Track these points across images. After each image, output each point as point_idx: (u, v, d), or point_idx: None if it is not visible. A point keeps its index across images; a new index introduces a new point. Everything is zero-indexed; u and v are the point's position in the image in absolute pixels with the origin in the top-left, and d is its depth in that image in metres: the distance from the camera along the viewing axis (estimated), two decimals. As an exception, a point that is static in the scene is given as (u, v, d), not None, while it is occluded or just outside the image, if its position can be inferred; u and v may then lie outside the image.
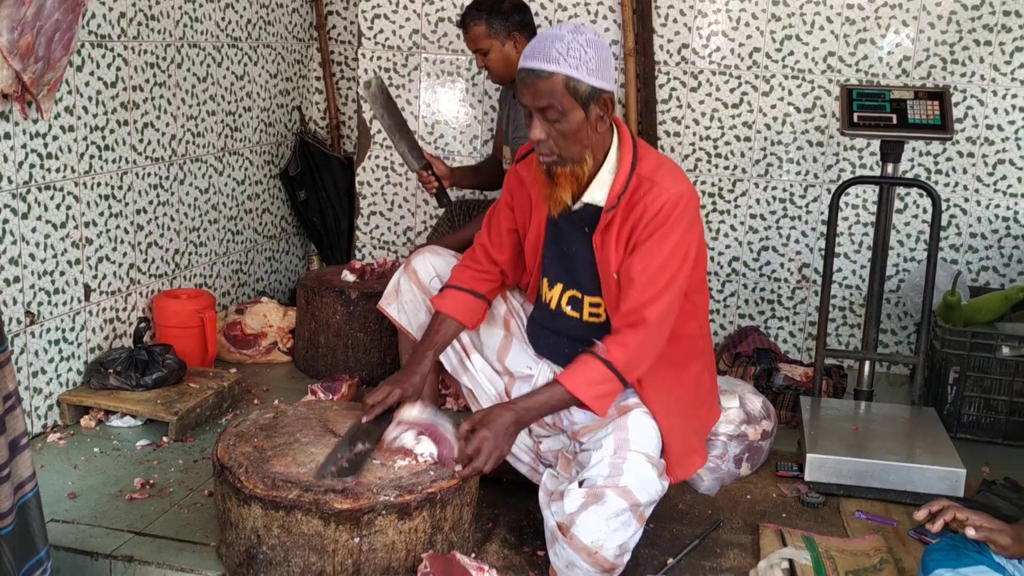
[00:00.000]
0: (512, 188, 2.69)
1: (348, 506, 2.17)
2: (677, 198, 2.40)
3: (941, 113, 3.22)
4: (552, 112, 2.33)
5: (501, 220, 2.73)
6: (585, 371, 2.42)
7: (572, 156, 2.39)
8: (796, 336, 4.28)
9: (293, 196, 4.63)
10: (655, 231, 2.40)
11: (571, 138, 2.36)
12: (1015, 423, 3.43)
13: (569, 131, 2.35)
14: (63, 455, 3.03)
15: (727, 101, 4.16)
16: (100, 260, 3.37)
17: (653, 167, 2.46)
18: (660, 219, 2.40)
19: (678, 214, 2.40)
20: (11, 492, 1.85)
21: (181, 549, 2.51)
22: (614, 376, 2.41)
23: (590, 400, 2.40)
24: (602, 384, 2.41)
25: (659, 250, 2.40)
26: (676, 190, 2.41)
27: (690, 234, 2.44)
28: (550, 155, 2.39)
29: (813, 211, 4.16)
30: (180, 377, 3.37)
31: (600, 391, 2.41)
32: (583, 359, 2.44)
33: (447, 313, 2.69)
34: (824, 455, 2.95)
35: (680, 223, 2.41)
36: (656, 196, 2.41)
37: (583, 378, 2.41)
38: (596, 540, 2.31)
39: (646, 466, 2.42)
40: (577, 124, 2.35)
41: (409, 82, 4.45)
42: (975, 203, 4.03)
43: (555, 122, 2.34)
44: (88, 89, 3.23)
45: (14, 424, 1.87)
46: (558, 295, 2.63)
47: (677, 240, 2.41)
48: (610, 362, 2.40)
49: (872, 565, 2.55)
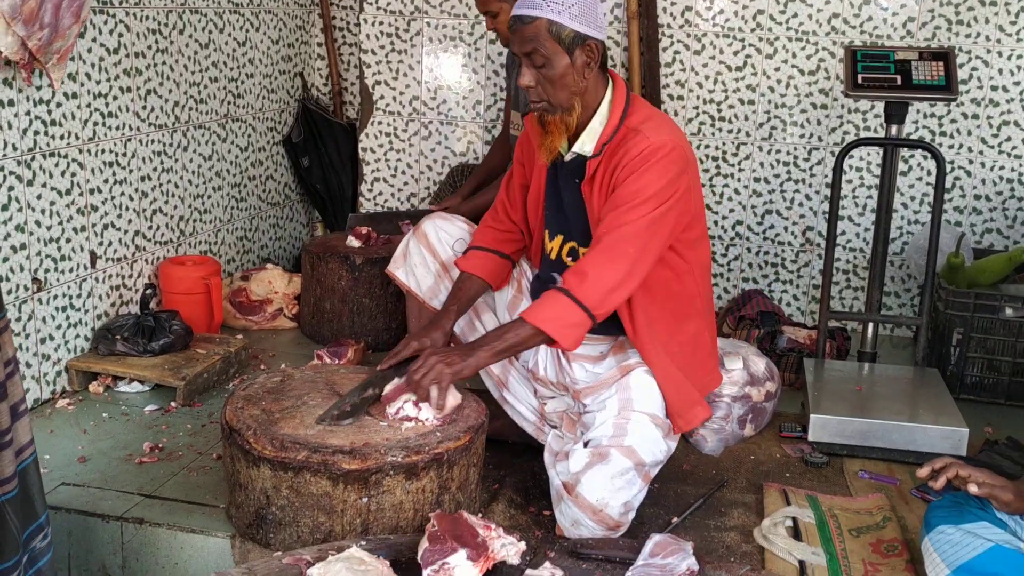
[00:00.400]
0: (523, 144, 2.72)
1: (356, 467, 2.19)
2: (659, 145, 2.38)
3: (946, 74, 3.21)
4: (537, 57, 2.37)
5: (515, 178, 2.76)
6: (545, 303, 2.37)
7: (560, 102, 2.41)
8: (800, 299, 4.29)
9: (296, 163, 4.63)
10: (631, 172, 2.38)
11: (557, 83, 2.39)
12: (1018, 384, 3.45)
13: (555, 76, 2.38)
14: (72, 420, 3.05)
15: (731, 64, 4.15)
16: (106, 227, 3.38)
17: (642, 119, 2.46)
18: (637, 162, 2.38)
19: (657, 160, 2.37)
20: (13, 457, 1.86)
21: (191, 511, 2.54)
22: (575, 305, 2.33)
23: (553, 331, 2.33)
24: (563, 315, 2.34)
25: (634, 191, 2.37)
26: (659, 139, 2.39)
27: (672, 183, 2.38)
28: (539, 101, 2.43)
29: (817, 174, 4.16)
30: (187, 343, 3.39)
31: (562, 322, 2.34)
32: (546, 294, 2.40)
33: (471, 272, 2.69)
34: (828, 415, 2.97)
35: (657, 167, 2.37)
36: (637, 143, 2.40)
37: (544, 310, 2.36)
38: (601, 498, 2.34)
39: (650, 426, 2.44)
40: (562, 69, 2.37)
41: (411, 47, 4.44)
42: (979, 165, 4.02)
43: (541, 67, 2.38)
44: (91, 56, 3.23)
45: (14, 390, 1.88)
46: (558, 246, 2.64)
47: (654, 185, 2.36)
48: (566, 289, 2.35)
49: (875, 523, 2.57)
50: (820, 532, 2.51)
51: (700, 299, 2.63)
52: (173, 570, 2.48)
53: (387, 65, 4.50)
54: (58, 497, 2.58)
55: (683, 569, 2.02)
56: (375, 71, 4.52)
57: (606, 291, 2.35)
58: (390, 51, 4.47)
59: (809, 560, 2.38)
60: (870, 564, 2.39)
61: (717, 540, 2.50)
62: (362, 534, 2.24)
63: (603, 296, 2.35)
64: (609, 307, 2.38)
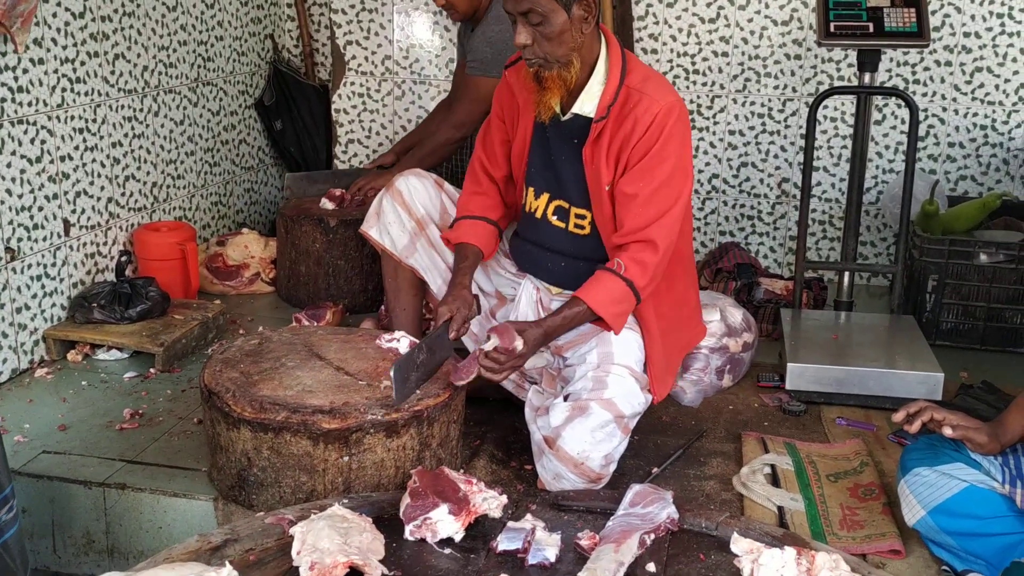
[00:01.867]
0: (501, 98, 2.67)
1: (336, 426, 2.20)
2: (669, 109, 2.40)
3: (918, 20, 3.20)
4: (534, 15, 2.32)
5: (493, 134, 2.71)
6: (607, 289, 2.42)
7: (558, 58, 2.38)
8: (776, 251, 4.31)
9: (269, 126, 4.59)
10: (651, 146, 2.40)
11: (555, 40, 2.35)
12: (993, 329, 3.48)
13: (553, 33, 2.34)
14: (51, 389, 3.04)
15: (703, 16, 4.13)
16: (78, 195, 3.35)
17: (642, 79, 2.45)
18: (654, 132, 2.39)
19: (671, 127, 2.40)
20: None
21: (173, 475, 2.54)
22: (632, 294, 2.42)
23: (611, 318, 2.42)
24: (622, 302, 2.42)
25: (659, 165, 2.40)
26: (666, 101, 2.40)
27: (685, 147, 2.45)
28: (536, 58, 2.39)
29: (792, 125, 4.16)
30: (164, 309, 3.37)
31: (620, 309, 2.43)
32: (603, 277, 2.43)
33: (464, 241, 2.66)
34: (805, 364, 2.99)
35: (674, 137, 2.41)
36: (647, 108, 2.40)
37: (606, 296, 2.41)
38: (582, 451, 2.35)
39: (629, 379, 2.46)
40: (560, 26, 2.33)
41: (382, 6, 4.39)
42: (952, 112, 4.03)
43: (538, 25, 2.33)
44: (56, 20, 3.18)
45: None
46: (544, 204, 2.63)
47: (675, 155, 2.42)
48: (630, 280, 2.40)
49: (852, 468, 2.61)
50: (798, 478, 2.54)
51: (686, 258, 2.68)
52: (157, 534, 2.48)
53: (358, 25, 4.45)
54: (39, 465, 2.58)
55: (663, 517, 2.04)
56: (346, 31, 4.47)
57: (655, 278, 2.46)
58: (360, 10, 4.43)
59: (788, 506, 2.41)
60: (848, 508, 2.42)
61: (697, 489, 2.53)
62: (344, 492, 2.26)
63: (652, 283, 2.46)
64: (652, 288, 2.48)
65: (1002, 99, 3.98)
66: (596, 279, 2.44)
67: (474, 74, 3.46)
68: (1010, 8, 3.89)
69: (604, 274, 2.43)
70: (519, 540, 1.97)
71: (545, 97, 2.44)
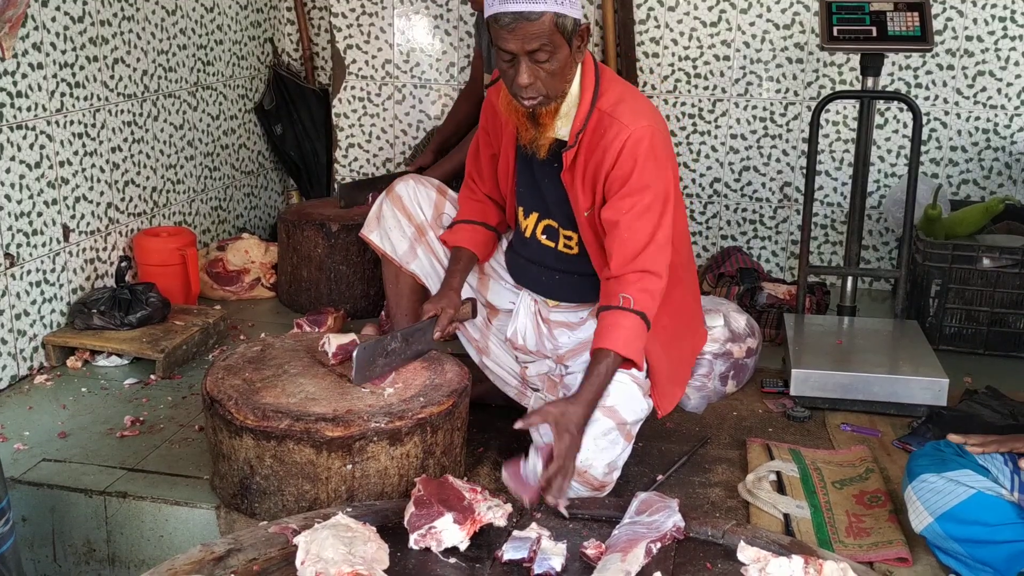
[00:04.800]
0: (486, 114, 2.64)
1: (339, 434, 2.18)
2: (639, 137, 2.31)
3: (921, 24, 3.19)
4: (542, 54, 2.22)
5: (481, 148, 2.69)
6: (625, 329, 2.31)
7: (556, 93, 2.31)
8: (779, 255, 4.30)
9: (269, 130, 4.57)
10: (627, 176, 2.32)
11: (558, 75, 2.28)
12: (996, 333, 3.47)
13: (557, 69, 2.26)
14: (51, 396, 3.03)
15: (705, 19, 4.11)
16: (78, 200, 3.33)
17: (615, 101, 2.36)
18: (625, 162, 2.31)
19: (644, 153, 2.31)
20: None
21: (175, 483, 2.53)
22: (645, 325, 2.33)
23: (636, 355, 2.32)
24: (641, 337, 2.33)
25: (639, 193, 2.32)
26: (636, 127, 2.32)
27: (663, 170, 2.35)
28: (536, 97, 2.30)
29: (794, 129, 4.15)
30: (164, 315, 3.35)
31: (641, 344, 2.34)
32: (618, 317, 2.31)
33: (459, 245, 2.65)
34: (809, 370, 2.98)
35: (649, 162, 2.32)
36: (616, 135, 2.33)
37: (628, 336, 2.30)
38: (585, 459, 2.33)
39: (631, 385, 2.44)
40: (564, 60, 2.27)
41: (382, 10, 4.38)
42: (955, 116, 4.02)
43: (543, 63, 2.24)
44: (55, 25, 3.16)
45: None
46: (533, 224, 2.60)
47: (653, 180, 2.33)
48: (642, 312, 2.31)
49: (858, 475, 2.59)
50: (804, 485, 2.53)
51: (681, 267, 2.61)
52: (158, 543, 2.47)
53: (358, 29, 4.44)
54: (39, 473, 2.56)
55: (669, 526, 2.02)
56: (346, 35, 4.46)
57: (660, 299, 2.37)
58: (361, 14, 4.41)
59: (794, 513, 2.40)
60: (854, 515, 2.40)
61: (702, 496, 2.51)
62: (348, 501, 2.24)
63: (657, 304, 2.37)
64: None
65: (1004, 103, 3.97)
66: (612, 323, 2.32)
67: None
68: (1012, 12, 3.88)
69: (616, 314, 2.32)
70: (524, 549, 1.95)
71: (542, 133, 2.37)
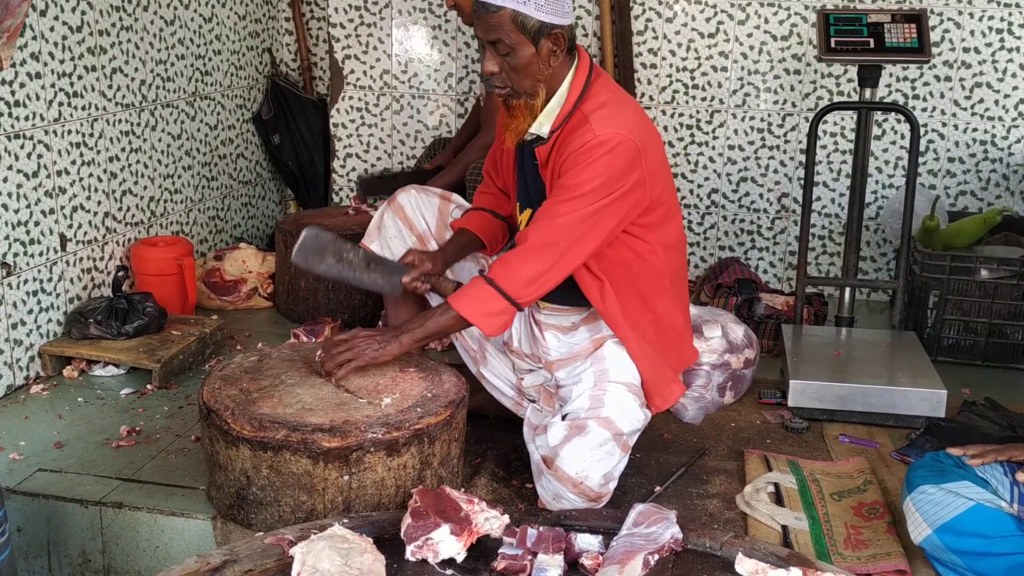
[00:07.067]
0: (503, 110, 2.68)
1: (336, 444, 2.18)
2: (603, 140, 2.31)
3: (918, 36, 3.20)
4: (502, 46, 2.33)
5: (498, 144, 2.71)
6: (470, 291, 2.37)
7: (524, 89, 2.38)
8: (776, 266, 4.30)
9: (267, 140, 4.57)
10: (572, 167, 2.34)
11: (522, 72, 2.35)
12: (994, 344, 3.47)
13: (520, 65, 2.34)
14: (47, 406, 3.02)
15: (703, 31, 4.12)
16: (75, 209, 3.32)
17: (596, 106, 2.37)
18: (579, 155, 2.33)
19: (600, 155, 2.31)
20: None
21: (171, 494, 2.52)
22: (498, 295, 2.34)
23: (475, 318, 2.35)
24: (486, 302, 2.34)
25: (571, 183, 2.33)
26: (606, 132, 2.32)
27: (617, 178, 2.33)
28: (504, 87, 2.40)
29: (791, 140, 4.15)
30: (161, 325, 3.35)
31: (484, 309, 2.35)
32: (472, 281, 2.40)
33: (462, 226, 2.69)
34: (807, 381, 2.97)
35: (600, 163, 2.31)
36: (581, 135, 2.34)
37: (468, 298, 2.36)
38: (581, 471, 2.33)
39: (627, 396, 2.43)
40: (527, 59, 2.33)
41: (380, 20, 4.39)
42: (952, 127, 4.03)
43: (506, 56, 2.34)
44: (53, 34, 3.16)
45: None
46: (526, 220, 2.61)
47: (592, 178, 2.31)
48: (491, 279, 2.35)
49: (856, 487, 2.59)
50: (802, 497, 2.52)
51: (667, 278, 2.56)
52: (154, 553, 2.46)
53: (356, 39, 4.44)
54: (35, 483, 2.55)
55: (667, 537, 2.02)
56: (344, 45, 4.46)
57: (528, 281, 2.35)
58: (359, 24, 4.42)
59: (792, 525, 2.39)
60: (852, 527, 2.40)
61: (700, 508, 2.51)
62: (344, 512, 2.23)
63: (525, 285, 2.35)
64: (533, 296, 2.38)
65: (1002, 114, 3.98)
66: (468, 283, 2.42)
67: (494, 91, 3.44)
68: (1009, 24, 3.89)
69: (474, 278, 2.40)
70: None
71: (513, 123, 2.44)
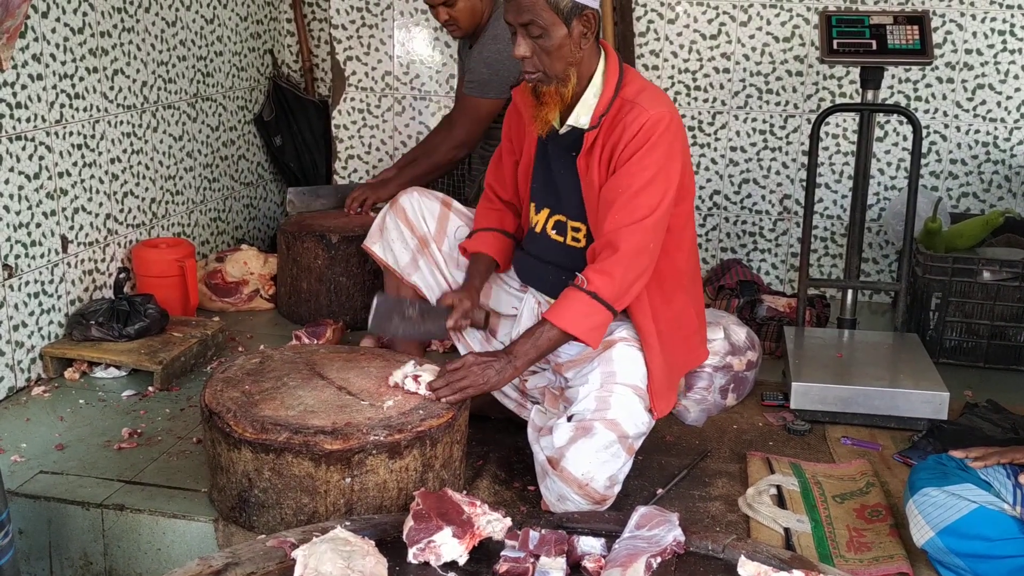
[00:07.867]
0: (510, 119, 2.70)
1: (338, 447, 2.17)
2: (657, 119, 2.38)
3: (921, 38, 3.20)
4: (534, 28, 2.33)
5: (504, 156, 2.75)
6: (572, 306, 2.39)
7: (556, 73, 2.39)
8: (779, 268, 4.29)
9: (268, 142, 4.57)
10: (635, 151, 2.38)
11: (554, 55, 2.36)
12: (996, 346, 3.46)
13: (552, 47, 2.35)
14: (48, 408, 3.01)
15: (705, 32, 4.12)
16: (76, 211, 3.32)
17: (637, 90, 2.44)
18: (640, 139, 2.38)
19: (658, 135, 2.38)
20: None
21: (172, 496, 2.51)
22: (601, 306, 2.38)
23: (582, 334, 2.38)
24: (591, 316, 2.38)
25: (640, 172, 2.38)
26: (657, 111, 2.39)
27: (672, 160, 2.41)
28: (535, 72, 2.40)
29: (794, 142, 4.15)
30: (163, 327, 3.34)
31: (590, 323, 2.38)
32: (568, 294, 2.41)
33: (479, 251, 2.70)
34: (809, 383, 2.97)
35: (660, 145, 2.38)
36: (636, 116, 2.39)
37: (571, 313, 2.38)
38: (586, 472, 2.33)
39: (633, 398, 2.43)
40: (560, 40, 2.34)
41: (382, 21, 4.38)
42: (955, 129, 4.02)
43: (538, 38, 2.34)
44: (55, 36, 3.16)
45: None
46: (544, 219, 2.63)
47: (657, 165, 2.38)
48: (594, 292, 2.37)
49: (859, 489, 2.58)
50: (804, 499, 2.52)
51: (686, 276, 2.63)
52: (156, 556, 2.45)
53: (358, 40, 4.44)
54: (36, 486, 2.55)
55: (669, 540, 2.01)
56: (346, 46, 4.46)
57: (628, 286, 2.40)
58: (361, 26, 4.42)
59: (794, 527, 2.39)
60: (855, 530, 2.39)
61: (702, 510, 2.50)
62: (346, 514, 2.23)
63: (625, 292, 2.40)
64: (629, 301, 2.43)
65: (1004, 116, 3.97)
66: (562, 297, 2.42)
67: (472, 95, 3.45)
68: (1011, 26, 3.88)
69: (569, 291, 2.41)
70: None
71: (542, 112, 2.45)
